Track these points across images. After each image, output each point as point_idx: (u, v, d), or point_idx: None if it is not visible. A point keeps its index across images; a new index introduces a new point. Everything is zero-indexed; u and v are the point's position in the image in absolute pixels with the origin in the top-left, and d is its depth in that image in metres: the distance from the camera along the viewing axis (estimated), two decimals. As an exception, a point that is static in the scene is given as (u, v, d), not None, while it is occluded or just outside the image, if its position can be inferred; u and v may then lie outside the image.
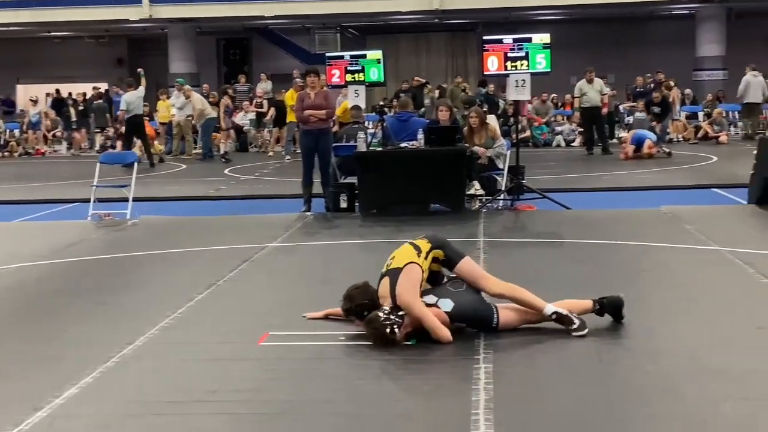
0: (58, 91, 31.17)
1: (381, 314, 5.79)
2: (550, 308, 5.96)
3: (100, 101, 27.83)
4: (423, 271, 6.00)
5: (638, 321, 6.18)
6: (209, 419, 4.68)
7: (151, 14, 29.20)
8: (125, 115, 20.84)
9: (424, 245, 6.11)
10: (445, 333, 5.77)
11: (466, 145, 12.49)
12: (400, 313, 5.80)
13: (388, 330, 5.72)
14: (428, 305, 5.91)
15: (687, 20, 31.27)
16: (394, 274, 5.99)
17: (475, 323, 5.98)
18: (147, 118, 23.59)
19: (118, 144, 22.88)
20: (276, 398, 4.93)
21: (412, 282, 5.92)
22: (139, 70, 22.79)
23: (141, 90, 21.33)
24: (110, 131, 25.86)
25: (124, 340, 6.04)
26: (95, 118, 27.25)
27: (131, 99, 20.74)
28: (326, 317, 6.40)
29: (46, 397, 4.96)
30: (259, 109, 25.29)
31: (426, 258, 6.06)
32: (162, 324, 6.48)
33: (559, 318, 5.94)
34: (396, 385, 5.19)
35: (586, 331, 5.87)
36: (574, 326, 5.88)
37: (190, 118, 23.05)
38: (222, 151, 22.22)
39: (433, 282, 6.19)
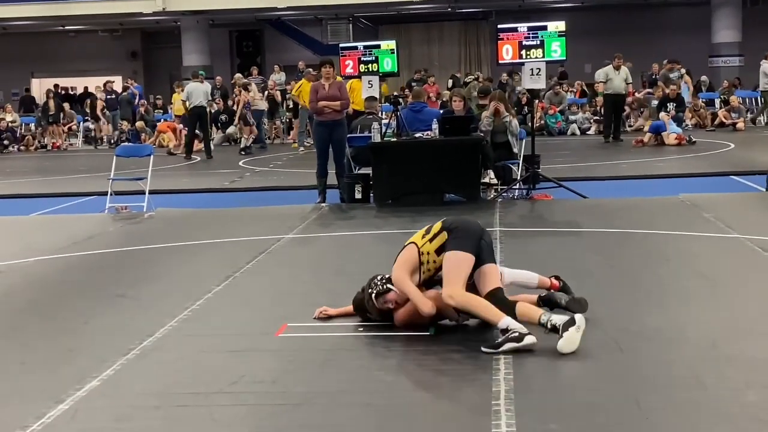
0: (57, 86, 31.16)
1: (375, 279, 5.98)
2: (504, 322, 5.46)
3: (125, 93, 27.94)
4: (420, 253, 5.91)
5: (658, 309, 6.16)
6: (230, 410, 4.69)
7: (164, 7, 29.22)
8: (188, 105, 20.73)
9: (436, 226, 6.01)
10: (428, 304, 5.76)
11: (481, 134, 12.46)
12: (390, 285, 5.90)
13: (369, 291, 5.91)
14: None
15: (703, 6, 31.08)
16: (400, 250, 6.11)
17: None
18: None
19: (172, 132, 23.05)
20: (294, 389, 4.93)
21: (404, 260, 5.98)
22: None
23: (207, 84, 21.30)
24: (124, 124, 25.98)
25: (144, 332, 6.07)
26: (120, 109, 27.34)
27: (192, 89, 20.63)
28: (339, 316, 6.29)
29: (68, 389, 4.99)
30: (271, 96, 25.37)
31: (432, 240, 5.92)
32: (181, 316, 6.50)
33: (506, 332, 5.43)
34: (414, 375, 5.18)
35: (522, 343, 5.33)
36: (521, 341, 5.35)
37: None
38: (243, 145, 22.10)
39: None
